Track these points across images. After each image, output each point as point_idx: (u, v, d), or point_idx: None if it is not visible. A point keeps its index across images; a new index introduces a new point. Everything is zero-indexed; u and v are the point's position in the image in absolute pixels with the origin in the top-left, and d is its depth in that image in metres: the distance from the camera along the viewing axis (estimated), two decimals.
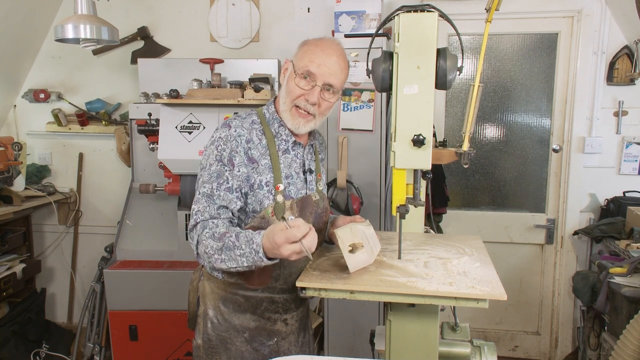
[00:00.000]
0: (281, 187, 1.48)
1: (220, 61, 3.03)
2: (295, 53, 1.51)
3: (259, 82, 2.72)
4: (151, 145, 2.89)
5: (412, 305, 1.35)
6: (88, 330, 3.03)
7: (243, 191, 1.46)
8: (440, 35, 3.11)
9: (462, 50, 1.50)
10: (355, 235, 1.39)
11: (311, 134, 1.63)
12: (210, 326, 1.56)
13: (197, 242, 1.41)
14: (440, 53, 1.38)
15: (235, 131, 1.47)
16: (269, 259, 1.28)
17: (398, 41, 1.37)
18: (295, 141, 1.55)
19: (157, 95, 2.94)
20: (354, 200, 2.66)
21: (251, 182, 1.46)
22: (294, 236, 1.20)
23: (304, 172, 1.57)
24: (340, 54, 1.49)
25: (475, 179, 3.32)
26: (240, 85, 2.81)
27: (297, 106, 1.48)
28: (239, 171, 1.45)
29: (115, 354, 2.84)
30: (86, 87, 3.39)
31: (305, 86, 1.46)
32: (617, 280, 2.23)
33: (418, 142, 1.37)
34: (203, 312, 1.58)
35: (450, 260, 1.46)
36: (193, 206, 1.46)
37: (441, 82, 1.39)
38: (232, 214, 1.46)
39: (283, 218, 1.27)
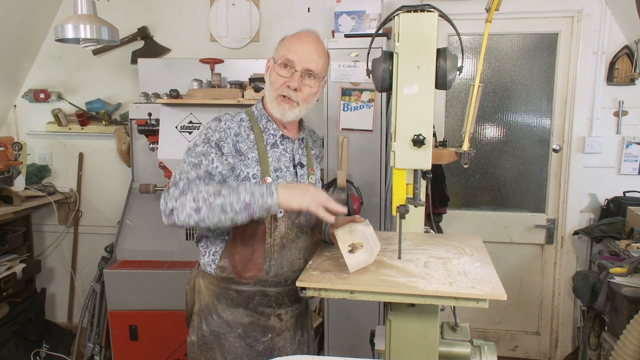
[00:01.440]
0: (269, 179, 1.50)
1: (220, 61, 3.03)
2: (275, 48, 1.56)
3: (259, 82, 2.72)
4: (151, 145, 2.90)
5: (412, 305, 1.35)
6: (88, 330, 3.03)
7: (225, 178, 1.47)
8: (440, 35, 3.11)
9: (462, 50, 1.49)
10: (354, 235, 1.39)
11: (301, 128, 1.64)
12: (205, 322, 1.56)
13: (180, 194, 1.36)
14: (440, 53, 1.38)
15: (225, 124, 1.51)
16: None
17: (398, 41, 1.37)
18: (283, 135, 1.57)
19: (157, 95, 2.95)
20: (354, 200, 2.66)
21: (237, 173, 1.48)
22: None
23: (294, 166, 1.58)
24: (316, 41, 1.53)
25: (475, 179, 3.32)
26: (240, 85, 2.81)
27: (281, 95, 1.51)
28: (226, 159, 1.47)
29: (115, 354, 2.84)
30: (86, 87, 3.39)
31: (286, 74, 1.49)
32: (617, 280, 2.23)
33: (418, 142, 1.37)
34: (198, 309, 1.59)
35: (450, 260, 1.46)
36: (175, 172, 1.45)
37: (441, 82, 1.39)
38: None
39: None
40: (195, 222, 1.35)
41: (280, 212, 1.49)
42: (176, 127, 2.74)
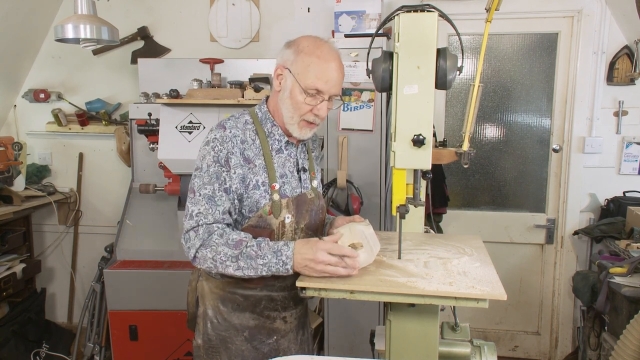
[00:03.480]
0: (277, 186, 1.49)
1: (220, 61, 3.03)
2: (292, 61, 1.45)
3: (259, 82, 2.72)
4: (151, 145, 2.89)
5: (412, 305, 1.35)
6: (88, 330, 3.03)
7: (238, 192, 1.46)
8: (440, 35, 3.11)
9: (462, 50, 1.50)
10: (354, 235, 1.39)
11: None
12: (210, 326, 1.56)
13: (201, 245, 1.40)
14: (440, 53, 1.38)
15: (231, 132, 1.47)
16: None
17: (398, 41, 1.37)
18: (288, 141, 1.55)
19: (157, 95, 2.95)
20: (354, 200, 2.66)
21: (247, 182, 1.46)
22: (339, 250, 1.33)
23: (298, 171, 1.58)
24: (338, 59, 1.47)
25: (475, 179, 3.32)
26: (240, 85, 2.81)
27: (306, 120, 1.48)
28: (235, 173, 1.45)
29: (115, 354, 2.84)
30: (86, 87, 3.39)
31: (313, 102, 1.45)
32: (617, 280, 2.23)
33: (418, 142, 1.37)
34: (202, 313, 1.58)
35: (450, 260, 1.46)
36: (191, 207, 1.44)
37: (441, 82, 1.39)
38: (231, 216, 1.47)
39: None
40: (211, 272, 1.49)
41: (288, 217, 1.49)
42: (176, 127, 2.73)
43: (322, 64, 1.42)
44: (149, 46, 3.29)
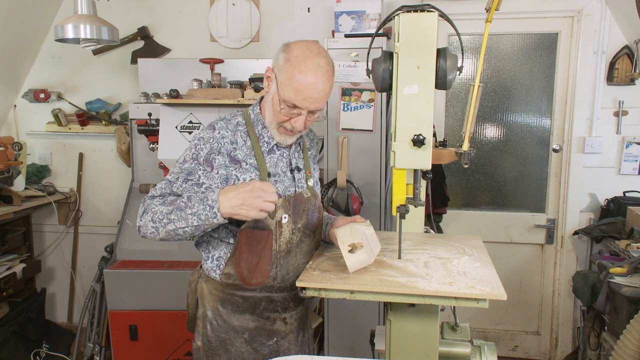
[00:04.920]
0: None
1: (220, 61, 3.03)
2: (280, 67, 1.43)
3: (259, 82, 2.72)
4: (151, 145, 2.90)
5: (412, 305, 1.35)
6: (88, 330, 3.03)
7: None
8: (440, 35, 3.11)
9: (462, 50, 1.50)
10: (354, 235, 1.39)
11: None
12: (210, 328, 1.55)
13: (143, 212, 1.44)
14: (440, 53, 1.38)
15: (219, 133, 1.48)
16: (224, 218, 1.35)
17: (398, 41, 1.37)
18: (277, 143, 1.54)
19: (157, 95, 2.95)
20: (354, 200, 2.66)
21: (230, 182, 1.46)
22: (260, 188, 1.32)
23: (291, 171, 1.57)
24: (324, 76, 1.41)
25: (475, 179, 3.32)
26: (240, 85, 2.81)
27: (283, 127, 1.48)
28: (217, 173, 1.46)
29: (115, 354, 2.84)
30: (86, 87, 3.39)
31: (289, 113, 1.44)
32: (617, 280, 2.23)
33: (418, 142, 1.37)
34: (202, 314, 1.57)
35: (450, 260, 1.46)
36: (152, 190, 1.51)
37: (441, 82, 1.39)
38: None
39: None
40: (160, 239, 1.45)
41: (285, 217, 1.49)
42: (176, 127, 2.74)
43: (303, 80, 1.38)
44: (149, 46, 3.29)
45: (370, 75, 1.49)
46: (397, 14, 1.37)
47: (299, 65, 1.39)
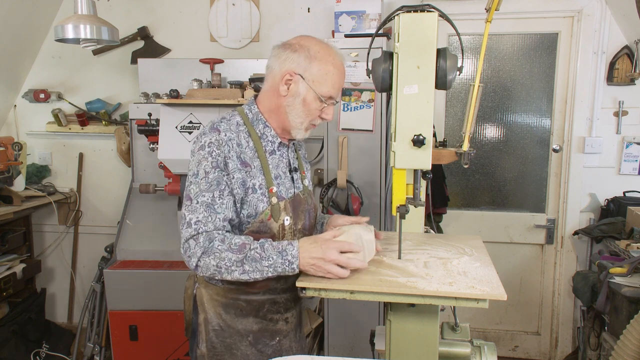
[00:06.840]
0: (274, 188, 1.47)
1: (220, 61, 3.03)
2: (305, 67, 1.42)
3: (259, 82, 2.72)
4: (151, 145, 2.89)
5: (412, 305, 1.35)
6: (88, 330, 3.03)
7: (238, 197, 1.43)
8: (440, 35, 3.11)
9: (462, 50, 1.49)
10: (350, 238, 1.39)
11: None
12: (213, 333, 1.53)
13: (202, 253, 1.35)
14: (440, 53, 1.38)
15: (226, 135, 1.42)
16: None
17: (398, 41, 1.37)
18: (280, 142, 1.53)
19: (157, 95, 2.95)
20: (354, 200, 2.66)
21: (246, 186, 1.43)
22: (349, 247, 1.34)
23: (290, 172, 1.56)
24: (344, 64, 1.51)
25: (475, 179, 3.32)
26: (240, 85, 2.81)
27: (313, 124, 1.51)
28: (234, 177, 1.41)
29: (115, 354, 2.84)
30: (86, 87, 3.39)
31: (322, 106, 1.48)
32: (617, 280, 2.23)
33: (418, 142, 1.37)
34: (204, 320, 1.55)
35: (450, 260, 1.46)
36: (188, 215, 1.38)
37: (441, 82, 1.39)
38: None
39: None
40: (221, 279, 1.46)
41: (287, 219, 1.48)
42: (176, 127, 2.73)
43: (337, 72, 1.45)
44: (149, 46, 3.29)
45: (370, 76, 1.49)
46: (397, 14, 1.37)
47: (328, 60, 1.43)
